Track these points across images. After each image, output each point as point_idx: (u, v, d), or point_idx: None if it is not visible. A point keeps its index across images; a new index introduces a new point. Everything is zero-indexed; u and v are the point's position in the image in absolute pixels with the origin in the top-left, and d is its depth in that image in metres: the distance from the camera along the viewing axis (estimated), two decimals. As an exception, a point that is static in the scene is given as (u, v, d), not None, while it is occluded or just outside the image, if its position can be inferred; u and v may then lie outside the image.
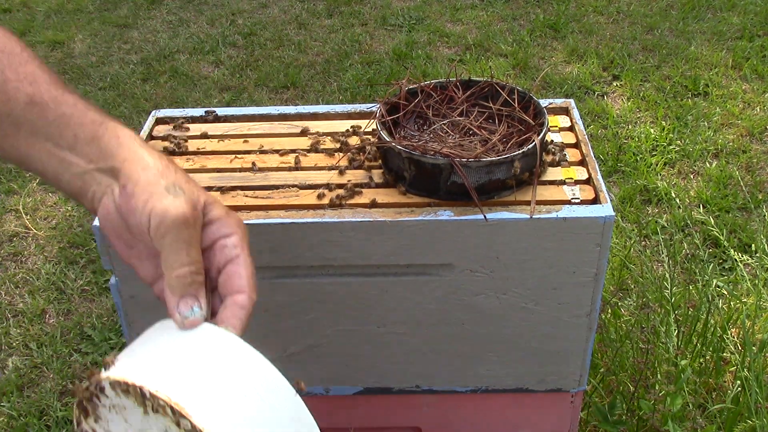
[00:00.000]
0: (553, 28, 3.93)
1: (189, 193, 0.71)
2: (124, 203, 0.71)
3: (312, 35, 4.00)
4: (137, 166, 0.72)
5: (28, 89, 0.75)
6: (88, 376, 0.67)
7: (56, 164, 0.74)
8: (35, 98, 0.75)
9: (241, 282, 0.73)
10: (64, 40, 4.04)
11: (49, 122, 0.75)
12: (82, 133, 0.74)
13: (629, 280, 2.21)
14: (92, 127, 0.75)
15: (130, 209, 0.70)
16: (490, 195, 1.03)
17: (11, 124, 0.75)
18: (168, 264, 0.70)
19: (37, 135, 0.75)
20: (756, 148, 2.99)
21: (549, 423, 1.25)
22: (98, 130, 0.75)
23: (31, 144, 0.75)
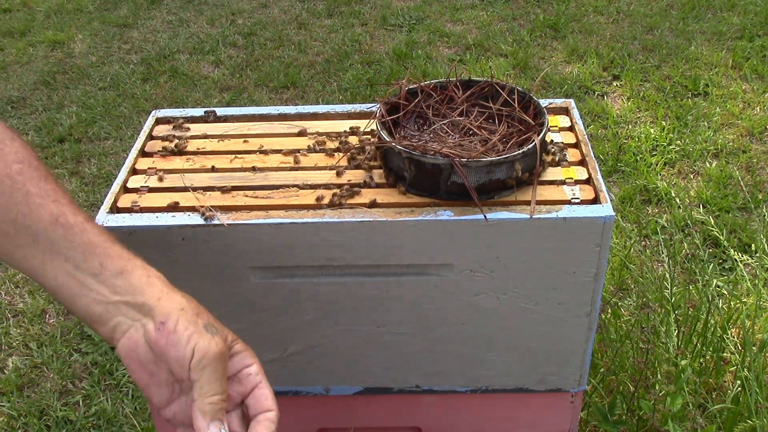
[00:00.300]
0: (553, 28, 3.93)
1: (221, 331, 0.81)
2: (162, 338, 0.78)
3: (312, 35, 4.00)
4: (174, 305, 0.79)
5: (53, 208, 0.79)
6: None
7: (75, 286, 0.78)
8: (60, 219, 0.78)
9: (268, 402, 0.84)
10: (64, 40, 4.04)
11: (73, 245, 0.78)
12: (110, 264, 0.79)
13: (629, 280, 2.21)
14: (120, 261, 0.80)
15: (171, 343, 0.78)
16: (490, 195, 1.03)
17: (29, 236, 0.78)
18: (203, 392, 0.78)
19: (57, 254, 0.78)
20: (756, 148, 2.99)
21: (549, 423, 1.25)
22: (127, 265, 0.80)
23: (48, 260, 0.78)
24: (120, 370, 2.13)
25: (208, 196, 1.07)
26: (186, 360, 0.78)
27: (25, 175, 0.79)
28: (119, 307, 0.79)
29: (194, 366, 0.78)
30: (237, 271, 1.05)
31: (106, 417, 1.99)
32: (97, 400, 2.04)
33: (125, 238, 1.01)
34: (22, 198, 0.78)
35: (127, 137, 3.19)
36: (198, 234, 1.01)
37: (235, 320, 1.10)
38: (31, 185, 0.79)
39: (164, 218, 1.02)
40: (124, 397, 2.05)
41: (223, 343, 0.80)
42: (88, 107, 3.43)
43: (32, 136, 3.23)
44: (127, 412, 1.99)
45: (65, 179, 2.95)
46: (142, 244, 1.02)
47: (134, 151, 1.17)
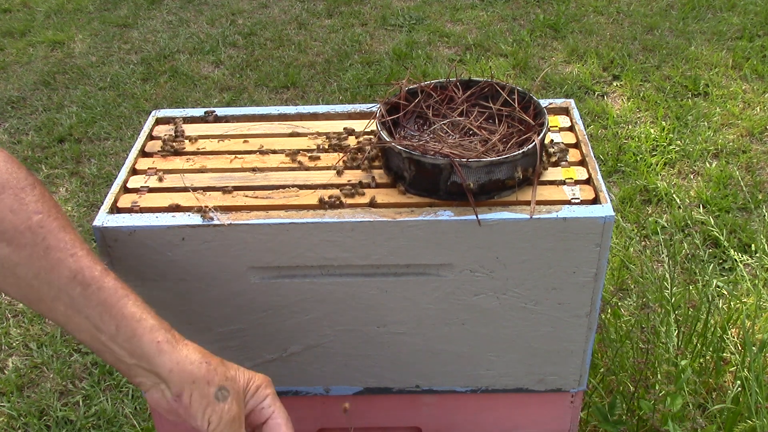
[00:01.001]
0: (553, 28, 3.93)
1: (233, 390, 0.87)
2: (180, 408, 0.86)
3: (312, 35, 4.00)
4: (185, 378, 0.85)
5: (72, 264, 0.82)
6: None
7: (98, 345, 0.84)
8: (78, 276, 0.82)
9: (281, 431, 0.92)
10: (64, 40, 4.04)
11: (90, 305, 0.82)
12: (123, 327, 0.83)
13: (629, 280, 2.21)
14: (132, 323, 0.84)
15: (188, 415, 0.86)
16: (491, 195, 1.03)
17: (52, 291, 0.82)
18: None
19: (78, 312, 0.82)
20: (756, 148, 2.99)
21: (549, 423, 1.25)
22: (137, 328, 0.84)
23: (71, 316, 0.83)
24: (120, 370, 2.13)
25: (208, 196, 1.07)
26: (204, 429, 0.86)
27: (45, 228, 0.81)
28: (138, 369, 0.85)
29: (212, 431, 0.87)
30: (237, 271, 1.05)
31: (106, 417, 1.99)
32: (97, 400, 2.04)
33: (125, 238, 1.01)
34: (42, 253, 0.81)
35: (127, 137, 3.19)
36: (198, 234, 1.01)
37: (235, 320, 1.10)
38: (51, 238, 0.81)
39: (164, 218, 1.02)
40: (124, 397, 2.05)
41: (236, 405, 0.87)
42: (88, 107, 3.43)
43: (32, 136, 3.23)
44: (127, 412, 1.99)
45: (65, 179, 2.95)
46: (142, 244, 1.02)
47: (134, 151, 1.17)
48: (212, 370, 0.86)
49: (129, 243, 1.02)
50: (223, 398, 0.86)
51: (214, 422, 0.86)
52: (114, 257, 1.03)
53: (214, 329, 1.11)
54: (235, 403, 0.87)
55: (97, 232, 1.01)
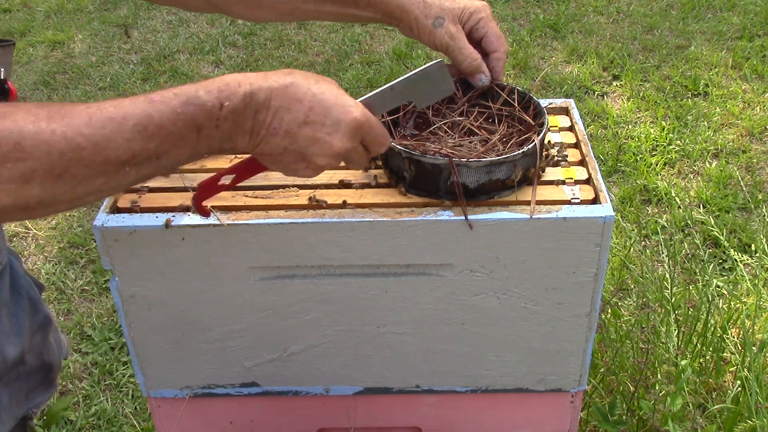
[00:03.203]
0: (553, 28, 3.93)
1: (447, 17, 1.07)
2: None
3: (312, 35, 4.00)
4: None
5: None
6: None
7: None
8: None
9: (495, 45, 1.11)
10: (64, 40, 4.04)
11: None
12: None
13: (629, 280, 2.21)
14: None
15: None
16: (491, 195, 1.03)
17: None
18: (462, 57, 1.09)
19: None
20: (756, 148, 2.99)
21: (549, 423, 1.25)
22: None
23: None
24: (120, 370, 2.13)
25: (208, 196, 1.07)
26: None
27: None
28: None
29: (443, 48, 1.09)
30: (237, 271, 1.05)
31: (106, 417, 1.99)
32: (97, 400, 2.04)
33: (126, 238, 1.02)
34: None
35: (127, 137, 3.19)
36: (198, 234, 1.01)
37: (235, 320, 1.10)
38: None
39: (164, 218, 1.02)
40: (124, 397, 2.05)
41: (453, 26, 1.07)
42: (88, 107, 3.43)
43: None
44: (127, 412, 1.99)
45: (65, 179, 2.95)
46: (142, 244, 1.02)
47: (134, 151, 1.17)
48: (428, 4, 1.05)
49: (129, 243, 1.02)
50: (440, 25, 1.06)
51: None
52: (114, 257, 1.03)
53: (214, 329, 1.11)
54: (453, 25, 1.06)
55: (97, 232, 1.01)
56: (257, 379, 1.17)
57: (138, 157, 0.77)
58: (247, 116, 0.82)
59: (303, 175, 0.89)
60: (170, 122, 0.78)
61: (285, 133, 0.84)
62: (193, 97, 0.79)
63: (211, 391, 1.19)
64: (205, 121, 0.80)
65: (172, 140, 0.79)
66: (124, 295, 1.07)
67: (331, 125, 0.85)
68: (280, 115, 0.83)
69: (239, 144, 0.84)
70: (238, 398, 1.20)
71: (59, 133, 0.73)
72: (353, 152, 0.89)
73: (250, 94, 0.82)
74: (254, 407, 1.22)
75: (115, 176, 0.77)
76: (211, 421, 1.24)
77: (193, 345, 1.13)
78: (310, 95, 0.85)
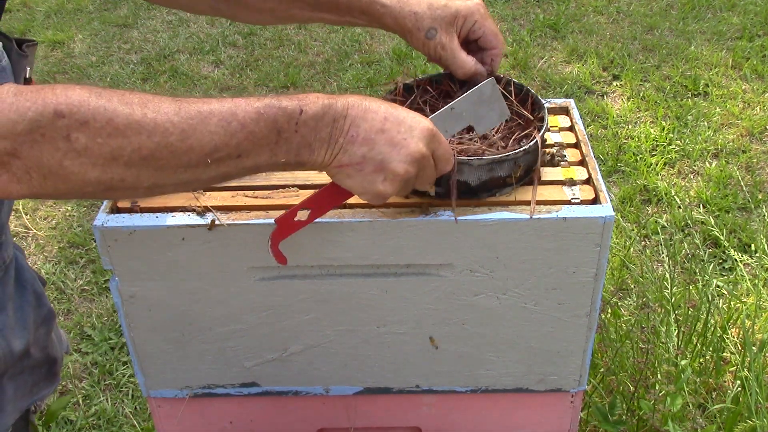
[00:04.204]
0: (553, 28, 3.93)
1: (440, 27, 1.05)
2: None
3: (312, 35, 4.00)
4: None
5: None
6: None
7: None
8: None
9: (492, 43, 1.11)
10: (64, 40, 4.04)
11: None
12: None
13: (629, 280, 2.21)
14: None
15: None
16: (492, 192, 1.03)
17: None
18: (455, 68, 1.10)
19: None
20: (756, 148, 2.99)
21: (549, 423, 1.25)
22: None
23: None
24: (120, 370, 2.13)
25: (208, 196, 1.07)
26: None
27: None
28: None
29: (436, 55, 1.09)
30: (237, 271, 1.05)
31: (106, 417, 1.99)
32: (97, 400, 2.04)
33: (125, 238, 1.02)
34: None
35: (127, 137, 3.19)
36: (198, 234, 1.01)
37: (235, 320, 1.10)
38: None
39: (164, 218, 1.02)
40: (124, 397, 2.05)
41: (447, 36, 1.06)
42: (88, 107, 3.43)
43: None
44: (127, 412, 1.99)
45: (65, 179, 2.95)
46: (142, 244, 1.02)
47: (134, 151, 1.17)
48: (420, 16, 1.05)
49: (129, 243, 1.02)
50: (432, 36, 1.05)
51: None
52: (114, 257, 1.03)
53: (214, 329, 1.11)
54: (445, 35, 1.06)
55: (97, 232, 1.01)
56: (257, 379, 1.17)
57: (220, 151, 0.80)
58: (325, 123, 0.85)
59: (381, 189, 0.89)
60: (253, 121, 0.81)
61: (363, 141, 0.87)
62: (275, 101, 0.83)
63: (211, 391, 1.19)
64: (285, 123, 0.83)
65: (252, 139, 0.82)
66: (124, 295, 1.07)
67: (406, 131, 0.88)
68: (357, 122, 0.87)
69: (318, 154, 0.86)
70: (238, 398, 1.20)
71: (150, 117, 0.77)
72: (426, 162, 0.91)
73: (329, 104, 0.86)
74: (254, 407, 1.22)
75: (196, 169, 0.81)
76: (211, 421, 1.24)
77: (193, 345, 1.13)
78: (384, 108, 0.89)
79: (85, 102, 0.75)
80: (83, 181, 0.76)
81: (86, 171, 0.76)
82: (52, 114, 0.73)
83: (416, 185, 0.95)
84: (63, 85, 0.76)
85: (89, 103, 0.75)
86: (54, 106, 0.73)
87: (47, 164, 0.74)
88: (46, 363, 1.16)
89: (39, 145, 0.73)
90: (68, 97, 0.74)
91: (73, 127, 0.74)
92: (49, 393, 1.19)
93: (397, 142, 0.88)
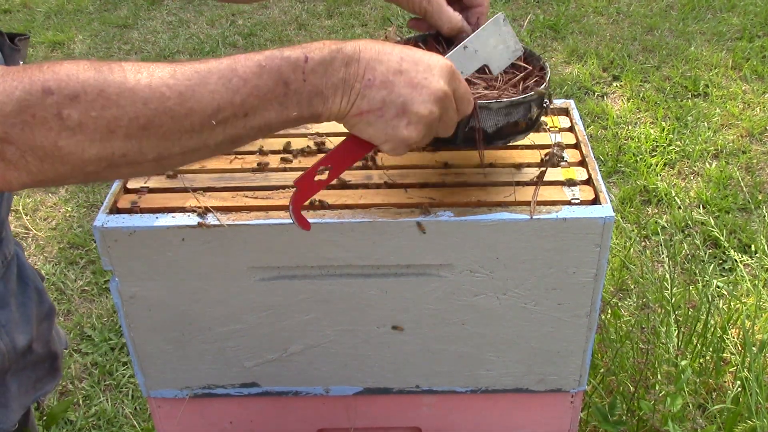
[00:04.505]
0: (553, 29, 3.93)
1: None
2: None
3: (312, 36, 4.00)
4: None
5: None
6: None
7: None
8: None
9: (476, 1, 1.08)
10: (64, 41, 4.04)
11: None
12: None
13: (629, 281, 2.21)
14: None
15: None
16: (507, 139, 1.02)
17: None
18: (440, 24, 1.06)
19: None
20: (756, 149, 2.99)
21: (549, 423, 1.25)
22: None
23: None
24: (120, 370, 2.13)
25: (208, 196, 1.07)
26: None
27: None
28: None
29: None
30: (237, 271, 1.05)
31: (106, 417, 1.99)
32: (97, 400, 2.04)
33: (125, 239, 1.02)
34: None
35: (127, 138, 3.19)
36: (198, 234, 1.01)
37: (235, 320, 1.10)
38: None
39: (164, 219, 1.02)
40: (124, 397, 2.05)
41: None
42: (88, 108, 3.43)
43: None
44: (127, 412, 1.99)
45: (65, 180, 2.95)
46: (142, 245, 1.02)
47: (134, 152, 1.17)
48: None
49: (129, 243, 1.02)
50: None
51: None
52: (114, 257, 1.04)
53: (214, 329, 1.11)
54: None
55: (97, 233, 1.02)
56: (257, 379, 1.17)
57: (224, 111, 0.76)
58: (336, 68, 0.80)
59: (406, 135, 0.84)
60: (255, 75, 0.77)
61: (381, 84, 0.82)
62: (277, 52, 0.78)
63: (211, 391, 1.19)
64: (290, 73, 0.78)
65: (257, 95, 0.77)
66: (124, 296, 1.07)
67: (425, 70, 0.83)
68: (372, 65, 0.81)
69: (333, 102, 0.81)
70: (238, 398, 1.20)
71: (144, 83, 0.73)
72: (449, 103, 0.86)
73: (337, 49, 0.80)
74: (254, 407, 1.22)
75: (202, 133, 0.76)
76: (211, 421, 1.24)
77: (193, 345, 1.13)
78: (398, 49, 0.84)
79: (74, 75, 0.71)
80: (82, 160, 0.72)
81: (84, 149, 0.72)
82: (40, 91, 0.69)
83: (439, 131, 0.89)
84: (51, 62, 0.72)
85: (78, 76, 0.71)
86: (41, 83, 0.70)
87: (42, 146, 0.70)
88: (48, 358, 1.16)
89: (30, 126, 0.70)
90: (56, 73, 0.71)
91: (63, 104, 0.70)
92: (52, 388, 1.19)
93: (417, 82, 0.83)
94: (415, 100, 0.83)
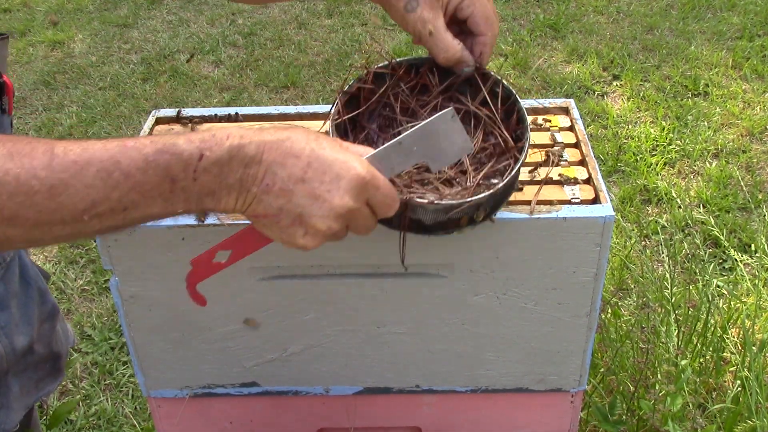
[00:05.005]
0: (553, 28, 3.93)
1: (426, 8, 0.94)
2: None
3: (312, 35, 4.00)
4: None
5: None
6: None
7: None
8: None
9: (480, 29, 0.98)
10: (64, 40, 4.04)
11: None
12: None
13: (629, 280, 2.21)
14: None
15: None
16: (449, 231, 0.95)
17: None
18: (440, 48, 0.97)
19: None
20: (756, 148, 2.99)
21: (549, 423, 1.25)
22: None
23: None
24: (120, 370, 2.13)
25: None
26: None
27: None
28: None
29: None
30: (237, 271, 1.05)
31: (106, 417, 1.99)
32: (97, 400, 2.04)
33: (125, 238, 1.01)
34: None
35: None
36: (198, 234, 1.01)
37: (236, 320, 1.10)
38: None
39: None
40: (124, 397, 2.05)
41: (429, 10, 0.94)
42: (88, 107, 3.43)
43: (32, 135, 3.23)
44: (127, 412, 1.99)
45: (65, 179, 2.95)
46: (142, 244, 1.02)
47: (134, 151, 1.17)
48: None
49: (129, 243, 1.02)
50: (413, 9, 0.94)
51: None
52: (114, 257, 1.03)
53: (214, 329, 1.11)
54: (429, 9, 0.94)
55: (97, 232, 1.01)
56: (257, 379, 1.17)
57: (99, 205, 0.71)
58: (233, 168, 0.75)
59: (302, 244, 0.79)
60: (139, 170, 0.71)
61: (279, 191, 0.76)
62: (169, 144, 0.73)
63: (211, 391, 1.19)
64: (180, 171, 0.73)
65: (140, 190, 0.72)
66: (124, 295, 1.07)
67: (331, 182, 0.76)
68: (273, 170, 0.76)
69: (227, 202, 0.77)
70: (238, 398, 1.20)
71: (12, 174, 0.68)
72: (357, 214, 0.80)
73: (238, 147, 0.75)
74: (254, 407, 1.22)
75: (75, 224, 0.72)
76: (211, 421, 1.24)
77: (193, 345, 1.13)
78: (308, 150, 0.77)
79: None
80: None
81: None
82: None
83: (353, 232, 0.83)
84: None
85: None
86: None
87: None
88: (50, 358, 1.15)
89: None
90: None
91: None
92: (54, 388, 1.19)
93: (318, 195, 0.76)
94: (313, 214, 0.77)
